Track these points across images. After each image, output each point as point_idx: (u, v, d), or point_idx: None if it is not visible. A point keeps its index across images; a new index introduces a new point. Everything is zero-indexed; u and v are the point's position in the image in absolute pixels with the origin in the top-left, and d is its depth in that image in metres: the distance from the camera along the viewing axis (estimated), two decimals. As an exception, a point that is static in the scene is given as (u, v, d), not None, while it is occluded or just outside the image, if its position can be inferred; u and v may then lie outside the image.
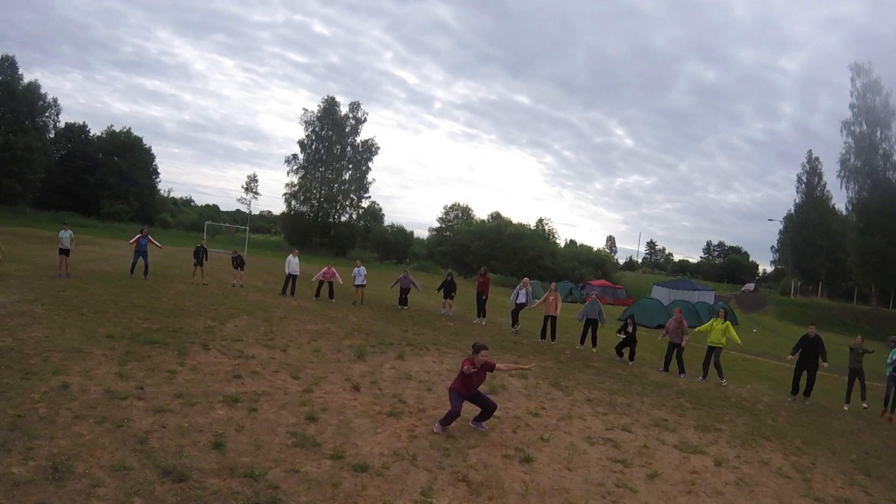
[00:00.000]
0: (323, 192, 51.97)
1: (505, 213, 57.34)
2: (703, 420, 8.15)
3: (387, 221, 58.24)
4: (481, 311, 16.21)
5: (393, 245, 50.97)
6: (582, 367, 11.21)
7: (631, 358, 12.46)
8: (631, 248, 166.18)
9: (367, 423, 6.19)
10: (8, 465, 3.99)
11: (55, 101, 42.66)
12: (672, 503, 5.07)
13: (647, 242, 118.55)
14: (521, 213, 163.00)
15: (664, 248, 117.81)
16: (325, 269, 16.87)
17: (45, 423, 4.91)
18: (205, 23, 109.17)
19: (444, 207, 63.18)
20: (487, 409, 6.45)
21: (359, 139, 52.61)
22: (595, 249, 62.51)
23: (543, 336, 13.89)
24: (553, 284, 14.70)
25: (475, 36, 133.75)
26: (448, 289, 16.78)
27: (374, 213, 56.47)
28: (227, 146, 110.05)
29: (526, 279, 15.61)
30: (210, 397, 6.32)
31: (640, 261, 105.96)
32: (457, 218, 59.56)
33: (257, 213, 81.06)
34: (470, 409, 6.53)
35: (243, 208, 57.05)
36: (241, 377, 7.34)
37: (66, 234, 14.30)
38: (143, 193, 47.97)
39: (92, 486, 3.89)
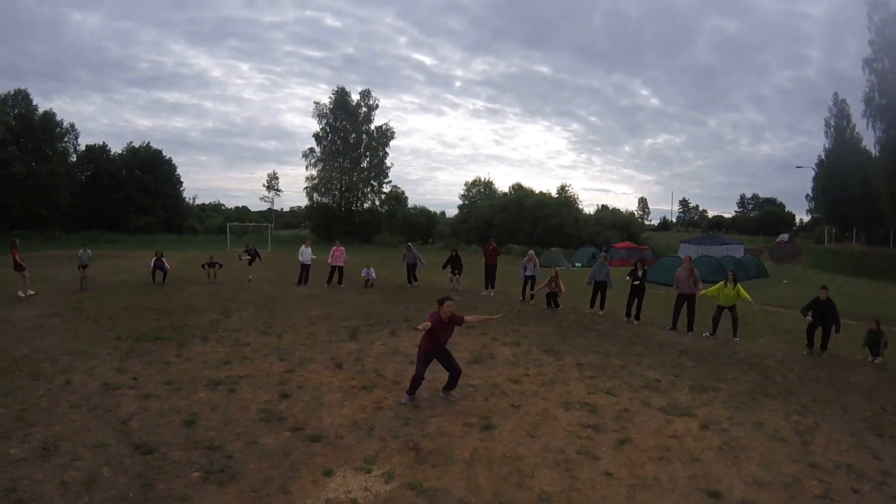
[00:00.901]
0: (344, 181, 53.23)
1: (528, 184, 57.56)
2: (702, 380, 7.81)
3: (421, 204, 59.66)
4: (490, 283, 16.62)
5: (417, 227, 52.00)
6: (583, 332, 11.25)
7: (637, 316, 12.52)
8: (665, 208, 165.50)
9: (337, 397, 6.73)
10: (7, 448, 4.89)
11: (72, 125, 45.04)
12: (637, 471, 4.87)
13: (680, 201, 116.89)
14: (549, 183, 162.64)
15: (697, 206, 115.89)
16: (333, 248, 17.58)
17: (45, 413, 5.81)
18: (217, 31, 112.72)
19: (466, 184, 63.87)
20: (454, 373, 6.67)
21: (373, 126, 53.61)
22: (625, 212, 61.93)
23: (549, 305, 14.18)
24: (554, 270, 14.83)
25: (489, 12, 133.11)
26: (454, 265, 17.22)
27: (398, 197, 57.33)
28: (252, 148, 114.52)
29: (531, 252, 15.85)
30: (196, 383, 7.09)
31: (673, 220, 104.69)
32: (479, 193, 59.83)
33: (288, 209, 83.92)
34: (440, 378, 6.88)
35: (268, 206, 59.57)
36: (230, 363, 8.10)
37: (84, 254, 15.56)
38: (169, 204, 50.36)
39: (72, 461, 4.72)
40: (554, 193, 54.68)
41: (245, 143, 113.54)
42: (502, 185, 64.40)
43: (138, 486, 4.36)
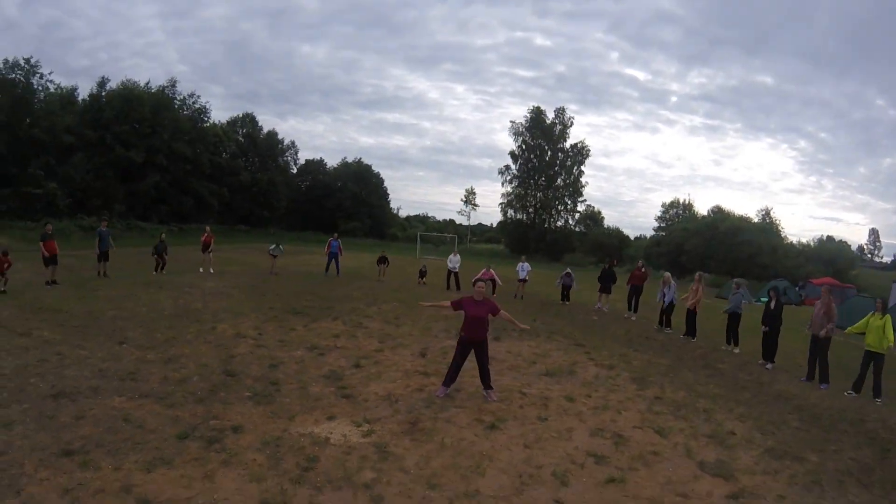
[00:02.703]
0: (538, 199, 55.83)
1: (746, 210, 53.28)
2: (791, 444, 6.69)
3: (618, 226, 59.92)
4: (633, 307, 16.42)
5: (607, 248, 51.75)
6: (699, 367, 10.56)
7: (770, 359, 11.20)
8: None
9: (396, 375, 8.03)
10: (145, 355, 7.71)
11: (293, 143, 59.10)
12: None
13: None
14: (779, 210, 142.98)
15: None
16: (483, 270, 19.22)
17: (184, 343, 8.66)
18: (432, 55, 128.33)
19: (663, 205, 62.24)
20: (482, 370, 7.34)
21: (567, 144, 56.23)
22: (852, 246, 53.14)
23: (686, 334, 13.56)
24: (698, 274, 14.15)
25: (703, 19, 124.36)
26: (606, 280, 17.47)
27: (594, 217, 58.05)
28: (467, 165, 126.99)
29: (667, 274, 15.24)
30: (301, 345, 9.31)
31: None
32: (677, 215, 57.00)
33: (496, 224, 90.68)
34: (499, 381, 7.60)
35: (463, 220, 65.84)
36: (339, 336, 10.22)
37: (276, 248, 20.39)
38: (375, 212, 60.26)
39: (179, 368, 7.23)
40: (754, 217, 50.46)
41: (460, 160, 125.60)
42: (704, 207, 60.61)
43: (207, 390, 6.51)
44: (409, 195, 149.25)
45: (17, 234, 24.27)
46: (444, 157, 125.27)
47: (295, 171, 58.93)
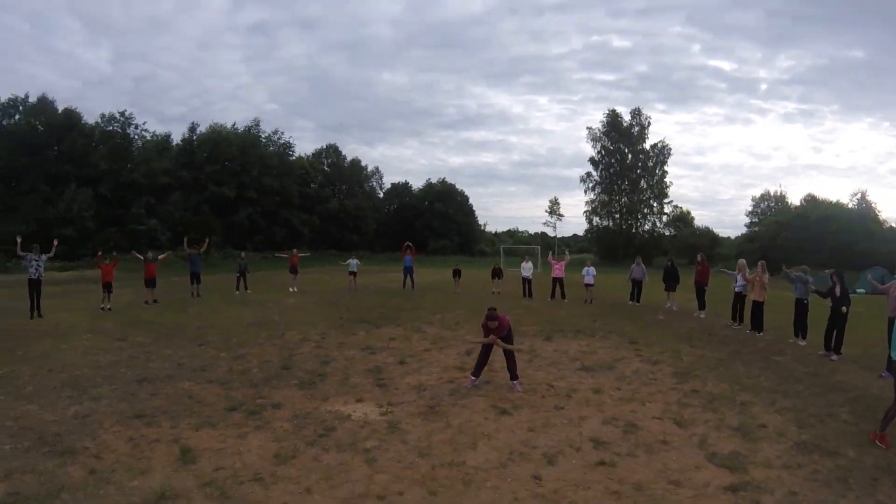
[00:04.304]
0: (623, 202, 54.86)
1: (830, 194, 49.27)
2: (830, 439, 6.05)
3: (734, 227, 57.91)
4: (701, 304, 16.01)
5: (698, 249, 49.65)
6: (755, 360, 10.03)
7: (836, 349, 10.31)
8: None
9: (433, 370, 8.74)
10: (219, 353, 9.21)
11: (377, 168, 63.32)
12: (564, 490, 4.71)
13: None
14: (882, 194, 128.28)
15: None
16: (555, 264, 19.67)
17: (254, 345, 10.16)
18: (511, 70, 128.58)
19: (753, 199, 58.31)
20: (508, 363, 7.79)
21: (647, 145, 55.25)
22: None
23: (753, 328, 13.02)
24: (760, 263, 13.53)
25: None
26: (669, 279, 17.23)
27: (684, 218, 55.98)
28: (557, 176, 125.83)
29: (742, 261, 14.71)
30: (357, 346, 10.41)
31: None
32: (769, 209, 53.15)
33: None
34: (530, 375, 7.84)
35: (549, 231, 65.91)
36: (394, 339, 11.21)
37: (353, 262, 21.79)
38: (462, 230, 62.24)
39: (245, 363, 8.66)
40: (849, 203, 46.36)
41: (550, 171, 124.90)
42: (801, 197, 56.02)
43: (263, 378, 7.79)
44: (503, 211, 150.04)
45: (125, 266, 28.06)
46: (533, 171, 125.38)
47: (381, 195, 62.39)
